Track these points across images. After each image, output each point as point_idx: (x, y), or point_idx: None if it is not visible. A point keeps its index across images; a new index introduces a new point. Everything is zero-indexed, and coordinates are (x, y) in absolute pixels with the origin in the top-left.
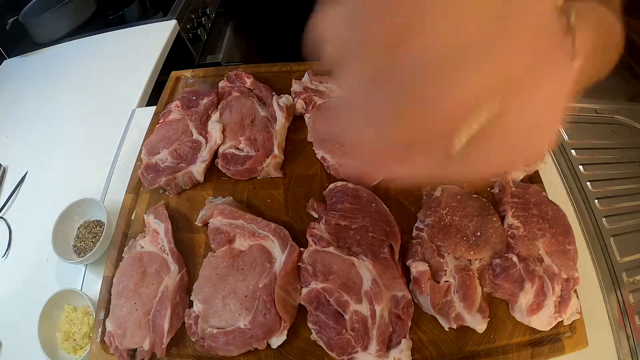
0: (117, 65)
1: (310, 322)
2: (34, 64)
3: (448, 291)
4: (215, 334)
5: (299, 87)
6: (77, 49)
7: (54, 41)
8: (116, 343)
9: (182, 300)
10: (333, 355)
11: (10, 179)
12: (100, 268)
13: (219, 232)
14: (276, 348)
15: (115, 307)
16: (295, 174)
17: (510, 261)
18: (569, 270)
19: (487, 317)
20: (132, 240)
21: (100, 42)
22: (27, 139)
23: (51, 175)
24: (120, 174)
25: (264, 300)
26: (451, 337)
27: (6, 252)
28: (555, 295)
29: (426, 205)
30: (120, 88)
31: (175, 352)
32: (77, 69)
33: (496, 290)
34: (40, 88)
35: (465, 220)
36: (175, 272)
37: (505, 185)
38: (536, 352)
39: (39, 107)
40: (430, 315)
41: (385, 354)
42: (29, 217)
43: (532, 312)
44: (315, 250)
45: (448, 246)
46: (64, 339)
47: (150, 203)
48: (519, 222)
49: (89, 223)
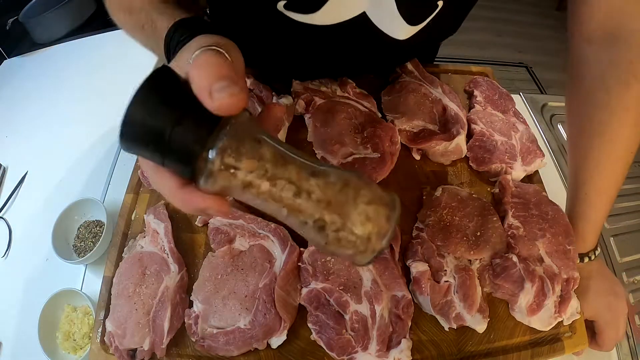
0: (117, 65)
1: (310, 322)
2: (34, 64)
3: (448, 291)
4: (215, 334)
5: (300, 87)
6: (77, 49)
7: (54, 41)
8: (116, 343)
9: (182, 300)
10: (333, 355)
11: (10, 179)
12: (100, 268)
13: (219, 232)
14: (276, 348)
15: (115, 307)
16: None
17: (510, 261)
18: (569, 270)
19: (487, 317)
20: (132, 240)
21: (100, 42)
22: (27, 139)
23: (51, 175)
24: (120, 174)
25: (264, 300)
26: (451, 337)
27: (6, 252)
28: (555, 295)
29: (426, 205)
30: (120, 88)
31: (175, 352)
32: (77, 69)
33: (496, 290)
34: (40, 88)
35: (465, 220)
36: (175, 272)
37: (505, 185)
38: (536, 352)
39: (39, 107)
40: (430, 315)
41: (385, 354)
42: (29, 217)
43: (532, 312)
44: (315, 250)
45: (448, 246)
46: (64, 339)
47: (150, 203)
48: (519, 222)
49: (89, 223)
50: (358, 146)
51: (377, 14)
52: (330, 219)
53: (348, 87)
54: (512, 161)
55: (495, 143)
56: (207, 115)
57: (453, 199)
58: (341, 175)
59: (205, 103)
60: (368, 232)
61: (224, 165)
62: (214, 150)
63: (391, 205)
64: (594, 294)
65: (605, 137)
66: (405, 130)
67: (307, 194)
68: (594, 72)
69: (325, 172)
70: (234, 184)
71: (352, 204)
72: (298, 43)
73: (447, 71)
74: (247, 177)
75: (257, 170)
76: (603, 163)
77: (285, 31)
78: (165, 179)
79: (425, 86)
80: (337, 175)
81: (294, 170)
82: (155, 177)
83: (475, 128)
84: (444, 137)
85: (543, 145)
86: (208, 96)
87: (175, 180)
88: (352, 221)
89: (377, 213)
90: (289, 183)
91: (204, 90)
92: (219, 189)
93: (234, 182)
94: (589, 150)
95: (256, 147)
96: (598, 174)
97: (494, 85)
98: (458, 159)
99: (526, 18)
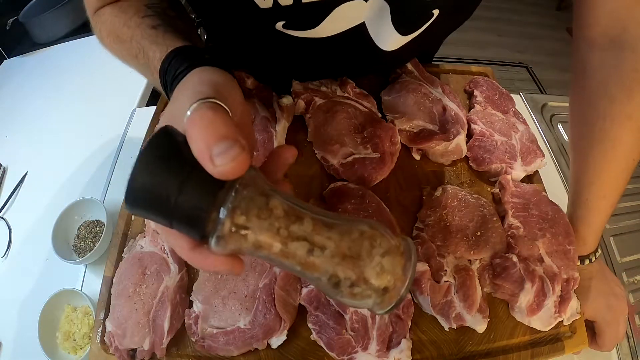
0: (117, 65)
1: (310, 322)
2: (34, 64)
3: (448, 291)
4: (215, 334)
5: (300, 87)
6: (77, 49)
7: (54, 41)
8: (116, 343)
9: (182, 300)
10: (333, 355)
11: (10, 179)
12: (100, 268)
13: None
14: (276, 348)
15: (115, 307)
16: (295, 174)
17: (510, 261)
18: (569, 270)
19: (487, 317)
20: (132, 240)
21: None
22: (27, 139)
23: (51, 175)
24: (120, 174)
25: (264, 300)
26: (451, 337)
27: (6, 252)
28: (556, 295)
29: (426, 205)
30: (120, 88)
31: (175, 352)
32: (77, 69)
33: (496, 290)
34: (40, 88)
35: (465, 220)
36: (175, 272)
37: (505, 185)
38: (536, 352)
39: (39, 107)
40: (430, 315)
41: (385, 354)
42: (29, 217)
43: (532, 312)
44: None
45: (448, 246)
46: (64, 339)
47: None
48: (519, 222)
49: (89, 223)
50: (358, 146)
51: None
52: (345, 275)
53: (348, 87)
54: (512, 161)
55: (495, 143)
56: (211, 177)
57: (453, 199)
58: (354, 225)
59: (206, 168)
60: (384, 285)
61: (234, 227)
62: (222, 214)
63: (407, 253)
64: (595, 295)
65: (607, 144)
66: (405, 130)
67: (320, 249)
68: (597, 78)
69: (337, 224)
70: (245, 246)
71: (367, 256)
72: (295, 54)
73: (447, 71)
74: (258, 238)
75: (268, 230)
76: (604, 169)
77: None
78: (177, 240)
79: (425, 86)
80: (349, 226)
81: (305, 226)
82: (166, 236)
83: (475, 128)
84: (444, 137)
85: (543, 145)
86: (209, 160)
87: (186, 241)
88: (367, 275)
89: (393, 264)
90: (302, 240)
91: (203, 154)
92: (231, 251)
93: (245, 245)
94: (590, 156)
95: (266, 205)
96: (599, 179)
97: (494, 85)
98: (458, 159)
99: (526, 18)
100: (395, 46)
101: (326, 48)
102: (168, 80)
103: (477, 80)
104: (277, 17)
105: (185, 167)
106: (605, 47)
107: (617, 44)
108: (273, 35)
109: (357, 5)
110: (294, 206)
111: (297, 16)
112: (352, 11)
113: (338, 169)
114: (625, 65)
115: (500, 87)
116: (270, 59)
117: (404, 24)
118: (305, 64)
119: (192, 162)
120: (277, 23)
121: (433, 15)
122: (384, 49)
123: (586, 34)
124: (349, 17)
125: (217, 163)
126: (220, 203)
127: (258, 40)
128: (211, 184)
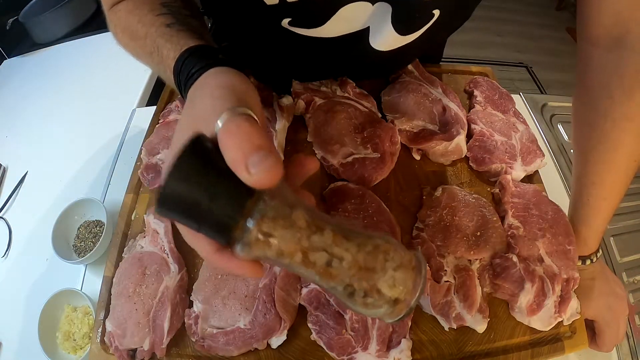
0: (117, 65)
1: (310, 322)
2: (34, 64)
3: (448, 291)
4: (215, 334)
5: (300, 87)
6: (77, 49)
7: (54, 41)
8: (116, 343)
9: (182, 300)
10: (333, 355)
11: (10, 179)
12: (100, 268)
13: None
14: (276, 348)
15: (115, 307)
16: None
17: (510, 261)
18: (569, 270)
19: (487, 317)
20: (132, 240)
21: (100, 42)
22: (27, 139)
23: (51, 175)
24: (120, 174)
25: (264, 300)
26: (451, 337)
27: (6, 252)
28: (555, 295)
29: (426, 205)
30: (120, 88)
31: (175, 352)
32: (77, 69)
33: (496, 290)
34: (40, 88)
35: (465, 220)
36: (175, 272)
37: (505, 185)
38: (536, 352)
39: (39, 107)
40: (430, 315)
41: (385, 354)
42: (29, 217)
43: (532, 312)
44: None
45: (448, 246)
46: (64, 339)
47: (150, 203)
48: (519, 222)
49: (89, 223)
50: (358, 146)
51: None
52: (359, 286)
53: (348, 87)
54: (512, 161)
55: (495, 143)
56: (242, 185)
57: (453, 199)
58: (370, 239)
59: (241, 176)
60: (396, 297)
61: (260, 236)
62: (249, 223)
63: (418, 267)
64: (596, 295)
65: (608, 146)
66: (405, 130)
67: (338, 260)
68: (599, 79)
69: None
70: (269, 254)
71: (381, 269)
72: (298, 53)
73: (447, 71)
74: (282, 247)
75: (292, 240)
76: (605, 171)
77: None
78: (201, 243)
79: (425, 86)
80: (365, 239)
81: (326, 237)
82: (190, 238)
83: (475, 128)
84: (444, 137)
85: (543, 145)
86: (244, 170)
87: (210, 245)
88: (381, 287)
89: (405, 277)
90: (322, 251)
91: (239, 163)
92: (255, 257)
93: (269, 253)
94: (591, 157)
95: (291, 216)
96: (599, 181)
97: (494, 85)
98: (458, 159)
99: (526, 18)
100: (391, 46)
101: (329, 49)
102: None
103: (477, 80)
104: (284, 13)
105: (218, 175)
106: (608, 48)
107: (620, 45)
108: (278, 32)
109: (363, 6)
110: (316, 217)
111: (303, 13)
112: (358, 12)
113: (338, 169)
114: (628, 66)
115: (500, 87)
116: (273, 57)
117: (404, 24)
118: (307, 63)
119: (223, 170)
120: (284, 20)
121: (434, 16)
122: (378, 49)
123: (589, 34)
124: (354, 18)
125: (252, 172)
126: (249, 212)
127: (263, 37)
128: (241, 193)
